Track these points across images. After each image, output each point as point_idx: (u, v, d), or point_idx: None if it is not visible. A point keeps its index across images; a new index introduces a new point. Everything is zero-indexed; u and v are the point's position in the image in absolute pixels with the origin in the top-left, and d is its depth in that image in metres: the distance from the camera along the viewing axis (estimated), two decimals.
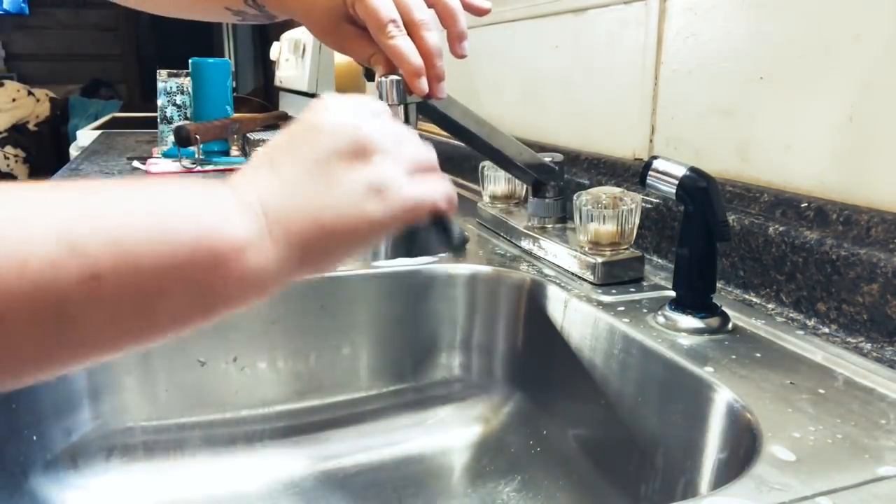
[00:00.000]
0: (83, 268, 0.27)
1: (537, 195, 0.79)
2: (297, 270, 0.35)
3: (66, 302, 0.27)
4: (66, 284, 0.27)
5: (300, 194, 0.35)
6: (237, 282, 0.33)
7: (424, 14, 0.53)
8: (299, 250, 0.35)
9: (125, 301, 0.29)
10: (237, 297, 0.34)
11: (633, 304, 0.63)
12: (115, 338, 0.30)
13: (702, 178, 0.54)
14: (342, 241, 0.37)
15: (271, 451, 0.68)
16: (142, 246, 0.29)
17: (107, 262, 0.28)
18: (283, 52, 2.32)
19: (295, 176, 0.36)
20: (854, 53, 0.56)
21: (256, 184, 0.35)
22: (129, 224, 0.30)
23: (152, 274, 0.30)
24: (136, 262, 0.29)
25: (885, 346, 0.52)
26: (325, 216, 0.35)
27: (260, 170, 0.37)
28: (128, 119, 2.51)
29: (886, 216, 0.53)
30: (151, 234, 0.30)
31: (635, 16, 0.81)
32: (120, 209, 0.30)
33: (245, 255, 0.33)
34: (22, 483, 0.58)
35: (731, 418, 0.46)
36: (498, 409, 0.73)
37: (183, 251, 0.31)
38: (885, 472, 0.38)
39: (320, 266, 0.37)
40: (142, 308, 0.30)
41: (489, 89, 1.21)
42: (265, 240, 0.33)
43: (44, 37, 5.20)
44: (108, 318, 0.29)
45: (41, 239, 0.27)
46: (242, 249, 0.32)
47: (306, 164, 0.36)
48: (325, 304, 0.70)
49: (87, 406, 0.63)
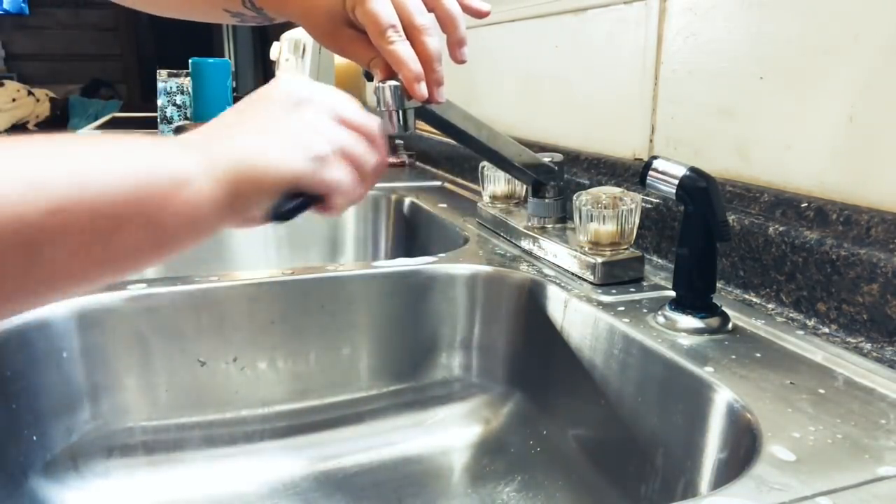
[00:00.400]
0: (50, 203, 0.31)
1: (537, 195, 0.79)
2: (230, 208, 0.39)
3: (34, 234, 0.30)
4: (34, 219, 0.30)
5: (237, 138, 0.41)
6: (181, 216, 0.37)
7: (425, 19, 0.53)
8: (230, 186, 0.39)
9: (86, 234, 0.33)
10: (184, 231, 0.38)
11: (633, 304, 0.63)
12: (79, 271, 0.34)
13: (702, 178, 0.54)
14: (265, 181, 0.40)
15: (271, 451, 0.68)
16: (98, 183, 0.33)
17: (68, 197, 0.31)
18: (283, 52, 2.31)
19: (236, 126, 0.42)
20: (854, 53, 0.56)
21: (203, 133, 0.41)
22: (87, 164, 0.33)
23: (109, 209, 0.33)
24: (94, 198, 0.33)
25: (885, 346, 0.52)
26: (255, 157, 0.40)
27: (210, 125, 0.42)
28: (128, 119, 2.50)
29: (886, 216, 0.53)
30: (106, 173, 0.34)
31: (635, 16, 0.81)
32: (79, 154, 0.34)
33: (186, 188, 0.37)
34: (22, 483, 0.58)
35: (731, 418, 0.46)
36: (498, 409, 0.73)
37: (134, 187, 0.34)
38: (885, 472, 0.38)
39: (248, 206, 0.41)
40: (102, 241, 0.34)
41: (489, 89, 1.21)
42: (202, 175, 0.37)
43: (44, 37, 5.21)
44: (72, 251, 0.32)
45: (8, 179, 0.30)
46: (185, 183, 0.36)
47: (246, 116, 0.43)
48: (325, 304, 0.70)
49: (87, 406, 0.63)
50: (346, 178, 0.44)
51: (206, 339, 0.66)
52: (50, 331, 0.60)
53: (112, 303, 0.63)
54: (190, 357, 0.66)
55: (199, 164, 0.38)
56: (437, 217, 0.99)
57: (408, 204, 1.11)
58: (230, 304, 0.67)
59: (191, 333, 0.66)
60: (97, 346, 0.62)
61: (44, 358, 0.60)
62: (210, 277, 0.67)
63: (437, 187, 1.22)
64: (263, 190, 0.41)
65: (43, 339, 0.60)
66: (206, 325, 0.66)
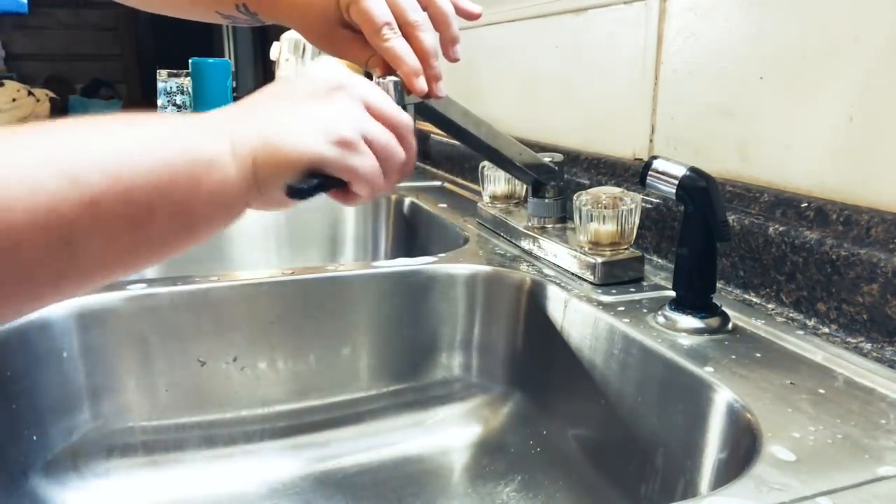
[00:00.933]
0: (84, 195, 0.31)
1: (537, 195, 0.79)
2: (256, 188, 0.40)
3: (71, 227, 0.31)
4: (70, 211, 0.31)
5: (260, 118, 0.41)
6: (212, 198, 0.37)
7: (419, 15, 0.54)
8: (253, 166, 0.39)
9: (120, 223, 0.33)
10: (214, 213, 0.39)
11: (633, 304, 0.63)
12: (112, 260, 0.34)
13: (702, 178, 0.54)
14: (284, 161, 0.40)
15: (271, 451, 0.68)
16: (132, 172, 0.34)
17: (103, 188, 0.32)
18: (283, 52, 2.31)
19: (261, 106, 0.42)
20: (854, 53, 0.56)
21: (227, 113, 0.41)
22: (119, 152, 0.34)
23: (144, 197, 0.34)
24: (128, 188, 0.33)
25: (885, 346, 0.52)
26: (275, 138, 0.40)
27: (237, 105, 0.42)
28: None
29: (886, 216, 0.53)
30: (138, 161, 0.34)
31: (635, 16, 0.81)
32: (110, 141, 0.34)
33: (216, 170, 0.37)
34: (22, 483, 0.58)
35: (731, 418, 0.46)
36: (498, 409, 0.73)
37: (168, 174, 0.35)
38: (885, 472, 0.38)
39: (270, 186, 0.41)
40: (136, 229, 0.34)
41: (489, 89, 1.21)
42: (228, 156, 0.38)
43: (44, 37, 5.20)
44: (108, 239, 0.33)
45: (45, 174, 0.30)
46: (214, 165, 0.37)
47: (274, 100, 0.43)
48: (325, 304, 0.70)
49: (87, 406, 0.63)
50: (370, 166, 0.44)
51: (206, 339, 0.66)
52: (50, 331, 0.60)
53: (112, 303, 0.63)
54: (190, 357, 0.66)
55: (225, 144, 0.38)
56: (437, 217, 0.99)
57: (408, 204, 1.11)
58: (230, 304, 0.67)
59: (191, 333, 0.66)
60: (97, 346, 0.62)
61: (44, 358, 0.60)
62: (210, 277, 0.67)
63: (437, 187, 1.22)
64: (282, 169, 0.41)
65: (43, 339, 0.60)
66: (206, 325, 0.66)
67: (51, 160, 0.31)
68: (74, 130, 0.34)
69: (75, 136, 0.34)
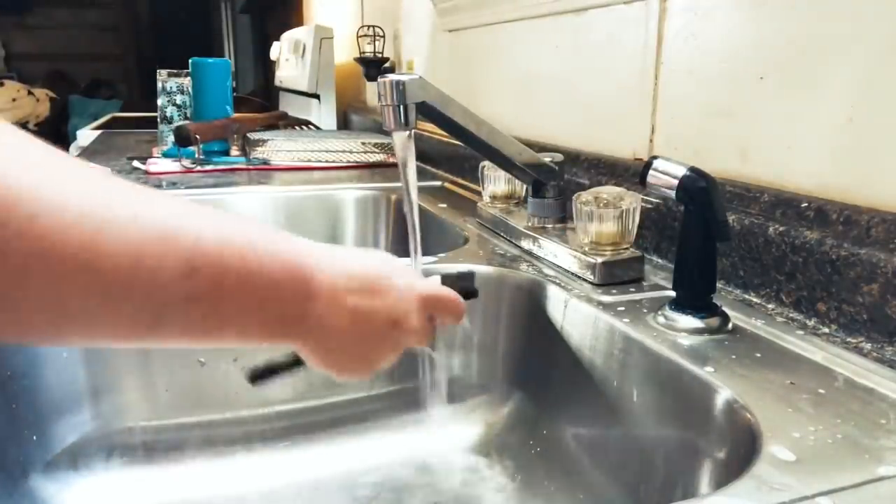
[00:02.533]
0: (194, 289, 0.31)
1: (537, 195, 0.79)
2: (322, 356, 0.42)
3: (164, 312, 0.31)
4: (172, 299, 0.31)
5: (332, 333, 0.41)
6: (306, 322, 0.38)
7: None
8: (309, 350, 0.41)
9: (224, 314, 0.34)
10: (301, 334, 0.39)
11: (633, 304, 0.63)
12: (202, 337, 0.34)
13: (702, 178, 0.54)
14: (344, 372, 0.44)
15: (271, 451, 0.68)
16: (254, 269, 0.34)
17: (220, 279, 0.32)
18: (283, 52, 2.32)
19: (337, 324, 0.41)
20: (854, 54, 0.56)
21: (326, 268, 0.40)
22: (247, 252, 0.34)
23: (261, 293, 0.35)
24: (244, 283, 0.34)
25: (885, 346, 0.52)
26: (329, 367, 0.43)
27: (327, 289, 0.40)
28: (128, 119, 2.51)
29: (886, 216, 0.53)
30: (263, 266, 0.35)
31: (635, 16, 0.81)
32: (240, 236, 0.34)
33: (315, 303, 0.38)
34: (22, 483, 0.58)
35: (731, 418, 0.46)
36: (498, 409, 0.73)
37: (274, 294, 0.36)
38: (885, 472, 0.38)
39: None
40: (241, 319, 0.35)
41: (489, 89, 1.21)
42: (326, 306, 0.39)
43: (44, 37, 5.20)
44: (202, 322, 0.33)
45: (175, 255, 0.30)
46: (317, 297, 0.38)
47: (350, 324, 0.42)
48: None
49: (87, 406, 0.63)
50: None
51: None
52: None
53: None
54: (190, 357, 0.66)
55: (321, 311, 0.39)
56: (437, 217, 0.99)
57: None
58: None
59: None
60: (97, 346, 0.62)
61: (44, 358, 0.60)
62: None
63: (437, 187, 1.22)
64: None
65: None
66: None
67: (185, 243, 0.31)
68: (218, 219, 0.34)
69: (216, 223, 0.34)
